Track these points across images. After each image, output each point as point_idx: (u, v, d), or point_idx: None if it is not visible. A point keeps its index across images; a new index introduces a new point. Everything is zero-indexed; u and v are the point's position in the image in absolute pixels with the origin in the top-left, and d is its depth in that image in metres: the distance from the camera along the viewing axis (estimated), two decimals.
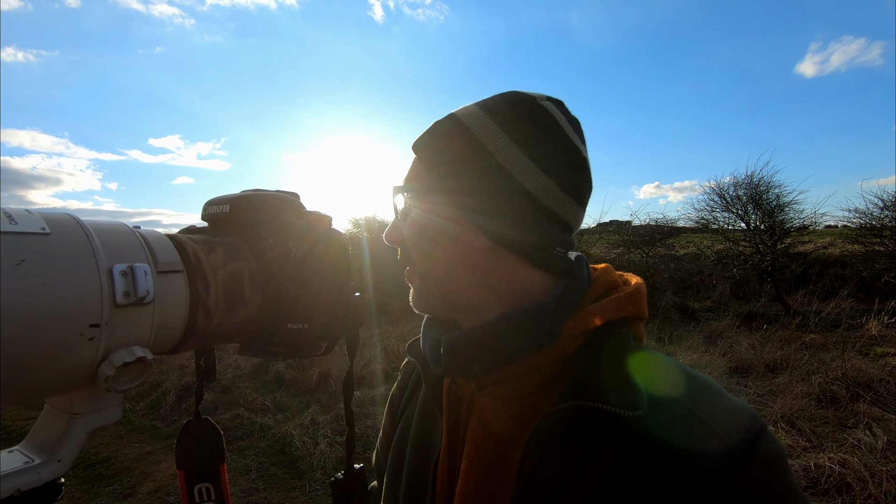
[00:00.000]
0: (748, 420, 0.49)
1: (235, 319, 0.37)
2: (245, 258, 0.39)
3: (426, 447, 0.65)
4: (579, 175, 0.57)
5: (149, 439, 4.82)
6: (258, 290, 0.39)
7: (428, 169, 0.58)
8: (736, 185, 9.68)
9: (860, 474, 3.02)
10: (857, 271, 8.85)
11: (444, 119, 0.58)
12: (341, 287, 0.44)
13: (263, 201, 0.43)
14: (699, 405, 0.49)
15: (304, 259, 0.41)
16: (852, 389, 4.27)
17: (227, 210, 0.42)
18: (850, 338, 5.89)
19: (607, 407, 0.48)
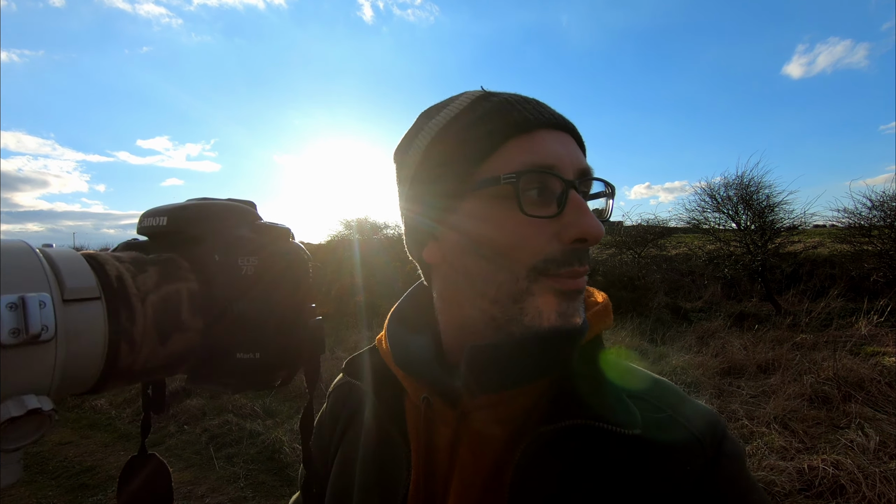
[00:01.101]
0: (715, 421, 0.51)
1: (171, 350, 0.32)
2: (183, 278, 0.33)
3: (381, 485, 0.56)
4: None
5: (134, 447, 4.65)
6: (200, 316, 0.34)
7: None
8: (727, 186, 9.72)
9: (854, 476, 3.00)
10: (847, 271, 8.92)
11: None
12: (300, 310, 0.38)
13: (207, 211, 0.37)
14: (677, 410, 0.51)
15: (256, 278, 0.36)
16: (844, 389, 4.28)
17: (164, 223, 0.36)
18: (840, 337, 5.92)
19: (605, 425, 0.47)
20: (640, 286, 9.52)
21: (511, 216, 0.49)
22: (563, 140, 0.52)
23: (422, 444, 0.55)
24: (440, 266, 0.56)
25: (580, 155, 0.53)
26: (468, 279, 0.52)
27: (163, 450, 4.60)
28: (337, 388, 0.73)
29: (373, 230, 15.58)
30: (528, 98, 0.55)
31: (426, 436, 0.55)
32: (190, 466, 4.26)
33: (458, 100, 0.56)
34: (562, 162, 0.50)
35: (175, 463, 4.34)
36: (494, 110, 0.52)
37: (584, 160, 0.53)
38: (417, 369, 0.56)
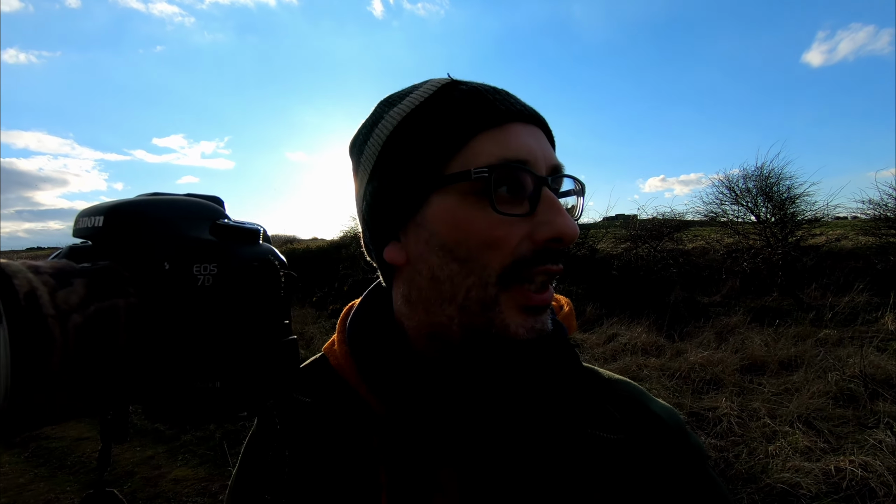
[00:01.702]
0: (678, 416, 0.55)
1: (106, 383, 0.26)
2: (122, 292, 0.27)
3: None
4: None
5: (150, 443, 4.75)
6: (144, 337, 0.27)
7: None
8: (745, 178, 9.48)
9: (884, 478, 2.88)
10: (872, 264, 8.64)
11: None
12: (269, 328, 0.32)
13: (154, 209, 0.31)
14: (649, 407, 0.54)
15: (215, 289, 0.30)
16: (871, 387, 4.12)
17: (101, 223, 0.30)
18: (866, 333, 5.73)
19: (599, 433, 0.50)
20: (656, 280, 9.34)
21: (481, 215, 0.46)
22: (535, 134, 0.50)
23: (393, 462, 0.50)
24: (403, 268, 0.51)
25: (551, 150, 0.51)
26: (434, 283, 0.48)
27: (177, 446, 4.63)
28: (271, 408, 0.63)
29: None
30: (498, 88, 0.51)
31: (397, 454, 0.50)
32: (204, 463, 4.27)
33: (422, 87, 0.51)
34: (535, 157, 0.48)
35: (189, 460, 4.36)
36: (464, 100, 0.49)
37: (555, 156, 0.51)
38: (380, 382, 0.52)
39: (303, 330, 8.12)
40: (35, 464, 4.46)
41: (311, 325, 8.58)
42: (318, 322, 9.08)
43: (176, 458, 4.43)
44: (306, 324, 8.73)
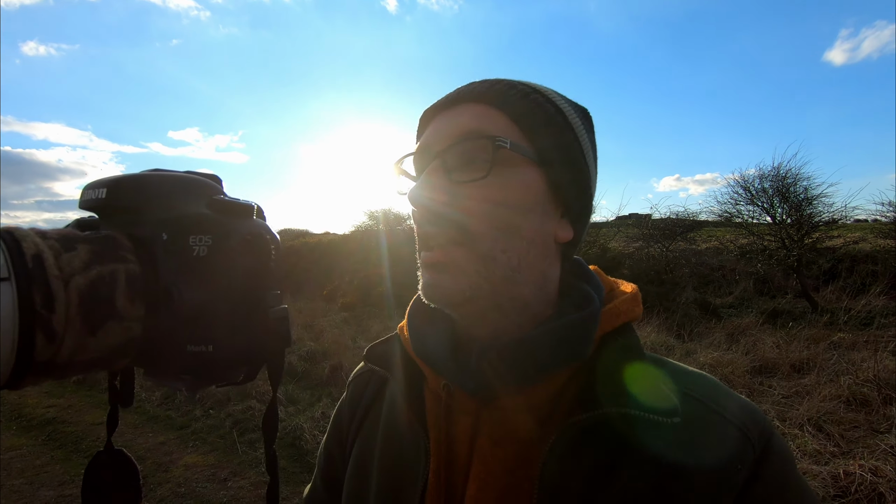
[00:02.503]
0: (761, 417, 0.50)
1: (104, 342, 0.28)
2: (123, 258, 0.29)
3: (400, 474, 0.55)
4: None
5: (162, 429, 4.86)
6: (142, 302, 0.29)
7: (525, 135, 0.52)
8: (762, 178, 9.33)
9: (894, 483, 2.84)
10: (890, 267, 8.47)
11: (537, 94, 0.54)
12: (260, 297, 0.33)
13: (154, 183, 0.33)
14: (720, 404, 0.50)
15: (209, 259, 0.31)
16: (884, 392, 4.06)
17: (104, 195, 0.32)
18: (882, 337, 5.63)
19: (644, 414, 0.45)
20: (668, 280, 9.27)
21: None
22: (448, 118, 0.53)
23: (441, 432, 0.54)
24: None
25: (461, 124, 0.52)
26: None
27: (188, 433, 4.73)
28: (357, 376, 0.72)
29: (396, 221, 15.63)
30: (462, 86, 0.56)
31: (445, 424, 0.54)
32: (214, 450, 4.36)
33: None
34: (428, 143, 0.54)
35: (200, 447, 4.45)
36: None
37: (464, 126, 0.52)
38: (433, 361, 0.56)
39: (313, 323, 8.20)
40: (52, 447, 4.58)
41: (322, 319, 8.66)
42: (329, 315, 9.16)
43: (187, 444, 4.51)
44: (316, 317, 8.82)
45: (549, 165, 0.52)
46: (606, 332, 0.52)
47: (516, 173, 0.50)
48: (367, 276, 11.02)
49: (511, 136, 0.50)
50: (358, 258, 12.56)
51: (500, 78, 0.55)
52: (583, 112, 0.58)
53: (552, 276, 0.55)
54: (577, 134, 0.54)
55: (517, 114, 0.52)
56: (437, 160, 0.52)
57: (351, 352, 6.54)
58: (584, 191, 0.55)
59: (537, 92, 0.54)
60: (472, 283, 0.50)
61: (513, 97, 0.52)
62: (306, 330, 7.67)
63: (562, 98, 0.56)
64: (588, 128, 0.57)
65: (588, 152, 0.56)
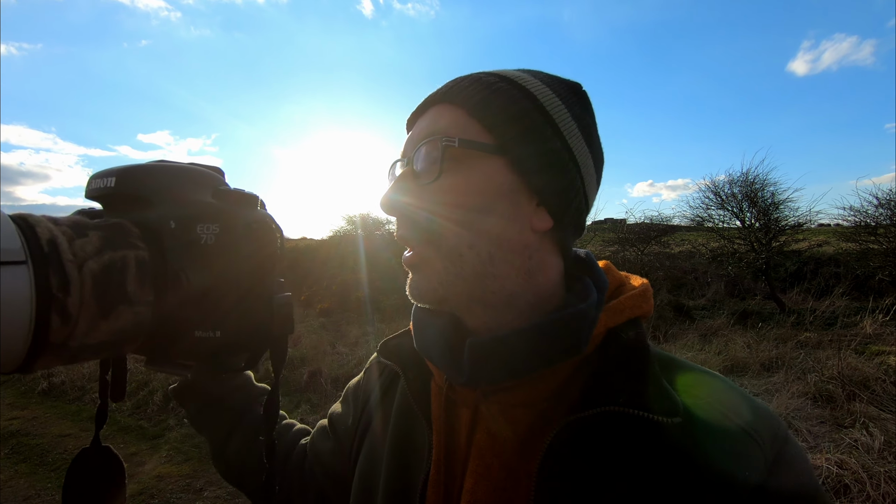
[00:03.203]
0: (776, 423, 0.47)
1: (115, 325, 0.28)
2: (133, 245, 0.30)
3: (406, 465, 0.56)
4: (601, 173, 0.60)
5: (134, 440, 4.71)
6: (151, 287, 0.30)
7: (485, 127, 0.51)
8: (731, 183, 9.64)
9: (858, 475, 2.96)
10: (852, 269, 8.84)
11: (503, 82, 0.53)
12: (265, 284, 0.34)
13: (163, 173, 0.33)
14: (731, 408, 0.47)
15: (216, 247, 0.32)
16: (848, 388, 4.22)
17: (112, 184, 0.32)
18: (845, 336, 5.86)
19: (645, 413, 0.44)
20: None
21: None
22: (421, 123, 0.55)
23: (442, 425, 0.55)
24: None
25: (424, 127, 0.54)
26: None
27: (162, 443, 4.60)
28: (373, 364, 0.73)
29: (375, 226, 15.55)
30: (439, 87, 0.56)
31: (446, 417, 0.55)
32: (189, 460, 4.25)
33: None
34: (406, 145, 0.56)
35: (174, 456, 4.33)
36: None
37: (426, 128, 0.53)
38: (430, 355, 0.56)
39: None
40: (15, 460, 4.39)
41: (299, 324, 8.53)
42: (306, 321, 9.04)
43: (161, 454, 4.39)
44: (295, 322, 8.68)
45: (512, 154, 0.50)
46: (612, 328, 0.52)
47: (475, 168, 0.50)
48: (345, 281, 10.93)
49: (467, 131, 0.51)
50: (336, 263, 12.44)
51: (475, 73, 0.55)
52: (570, 88, 0.56)
53: (544, 268, 0.54)
54: (552, 115, 0.52)
55: (475, 107, 0.51)
56: (408, 166, 0.54)
57: (330, 357, 6.46)
58: (557, 175, 0.52)
59: (504, 79, 0.53)
60: (443, 281, 0.51)
61: (472, 90, 0.52)
62: None
63: (539, 79, 0.55)
64: (574, 104, 0.55)
65: (570, 131, 0.53)
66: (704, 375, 0.51)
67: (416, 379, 0.59)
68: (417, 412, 0.57)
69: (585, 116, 0.56)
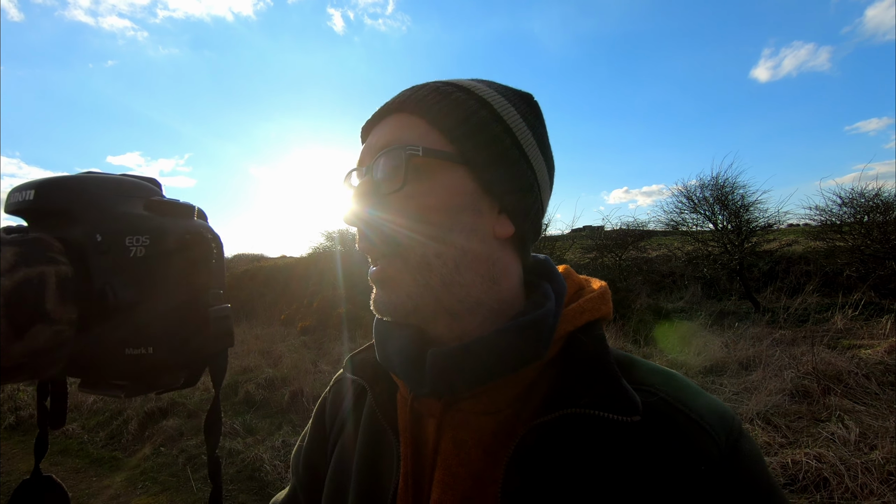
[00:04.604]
0: (730, 418, 0.48)
1: (32, 345, 0.26)
2: (52, 260, 0.28)
3: (376, 478, 0.55)
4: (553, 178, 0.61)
5: (108, 472, 4.52)
6: (74, 305, 0.28)
7: (445, 137, 0.51)
8: (702, 187, 9.92)
9: (836, 468, 3.02)
10: (821, 267, 9.12)
11: (460, 92, 0.53)
12: (200, 297, 0.33)
13: (87, 184, 0.32)
14: (687, 404, 0.48)
15: (146, 260, 0.31)
16: (823, 383, 4.32)
17: (31, 197, 0.30)
18: (818, 332, 6.02)
19: (605, 414, 0.45)
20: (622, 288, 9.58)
21: None
22: (380, 130, 0.54)
23: (409, 437, 0.54)
24: None
25: (383, 136, 0.53)
26: None
27: (137, 473, 4.42)
28: (337, 381, 0.72)
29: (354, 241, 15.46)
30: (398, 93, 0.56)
31: (413, 429, 0.55)
32: (166, 490, 4.09)
33: None
34: (363, 154, 0.55)
35: (150, 487, 4.17)
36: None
37: (385, 138, 0.53)
38: (393, 367, 0.55)
39: (271, 348, 7.92)
40: None
41: (280, 344, 8.37)
42: (287, 340, 8.88)
43: (136, 486, 4.22)
44: (274, 342, 8.52)
45: (474, 163, 0.51)
46: (571, 331, 0.52)
47: (438, 178, 0.50)
48: (325, 298, 10.80)
49: (429, 141, 0.50)
50: (315, 280, 12.30)
51: (430, 81, 0.55)
52: (523, 99, 0.57)
53: (506, 274, 0.54)
54: (509, 124, 0.53)
55: (436, 117, 0.51)
56: (367, 176, 0.53)
57: (312, 376, 6.35)
58: (517, 183, 0.53)
59: (462, 90, 0.53)
60: (412, 293, 0.50)
61: (431, 100, 0.52)
62: (264, 356, 7.38)
63: (494, 89, 0.55)
64: (528, 114, 0.56)
65: (526, 140, 0.54)
66: (662, 374, 0.52)
67: (383, 392, 0.59)
68: (385, 425, 0.56)
69: (538, 125, 0.57)
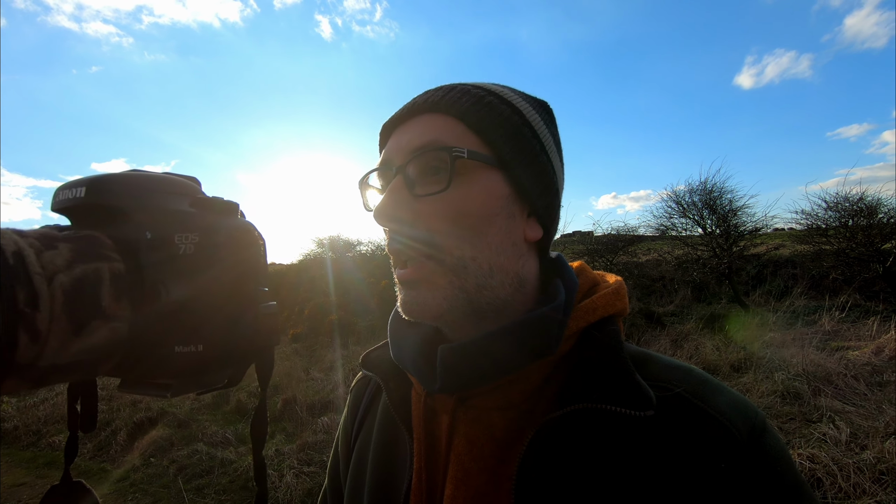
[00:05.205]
0: (753, 413, 0.47)
1: (90, 342, 0.26)
2: (106, 257, 0.28)
3: (390, 475, 0.56)
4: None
5: (96, 484, 4.42)
6: (128, 301, 0.28)
7: (483, 140, 0.51)
8: (691, 192, 10.06)
9: (829, 468, 3.05)
10: (808, 270, 9.27)
11: (491, 97, 0.54)
12: (250, 295, 0.33)
13: (136, 182, 0.32)
14: (706, 400, 0.47)
15: (196, 258, 0.30)
16: (813, 384, 4.38)
17: (82, 194, 0.30)
18: (806, 334, 6.10)
19: (617, 408, 0.44)
20: None
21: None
22: (409, 130, 0.53)
23: (422, 434, 0.54)
24: None
25: (417, 136, 0.52)
26: None
27: (127, 485, 4.34)
28: (356, 383, 0.73)
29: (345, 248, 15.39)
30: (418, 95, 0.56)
31: (426, 425, 0.55)
32: (157, 501, 4.02)
33: None
34: (390, 156, 0.54)
35: (141, 499, 4.09)
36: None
37: (421, 138, 0.51)
38: (406, 364, 0.56)
39: None
40: None
41: None
42: (278, 348, 8.79)
43: (125, 498, 4.14)
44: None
45: (510, 167, 0.51)
46: (585, 327, 0.52)
47: (477, 181, 0.50)
48: (317, 305, 10.73)
49: (468, 143, 0.50)
50: (306, 287, 12.22)
51: (455, 83, 0.55)
52: (542, 106, 0.58)
53: (528, 275, 0.54)
54: (537, 130, 0.54)
55: (472, 120, 0.51)
56: (399, 176, 0.51)
57: (304, 384, 6.29)
58: (548, 187, 0.55)
59: (492, 94, 0.54)
60: (448, 296, 0.49)
61: (466, 103, 0.52)
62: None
63: (518, 95, 0.56)
64: (548, 121, 0.58)
65: (550, 147, 0.56)
66: (678, 369, 0.51)
67: (397, 389, 0.59)
68: (399, 422, 0.57)
69: (555, 132, 0.59)
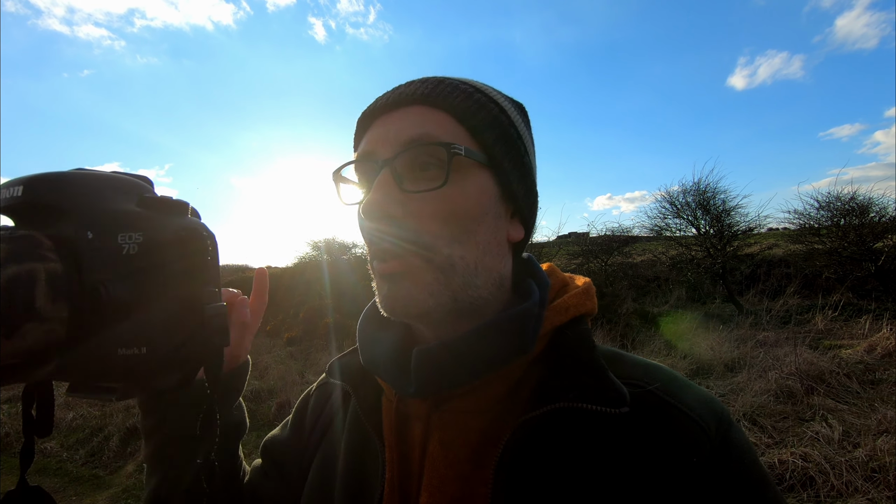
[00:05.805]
0: (719, 408, 0.48)
1: (22, 345, 0.25)
2: (42, 258, 0.27)
3: (361, 486, 0.53)
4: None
5: (89, 491, 4.38)
6: (65, 303, 0.27)
7: (474, 138, 0.50)
8: (685, 193, 10.09)
9: (822, 467, 3.06)
10: (801, 269, 9.32)
11: (479, 94, 0.53)
12: (195, 295, 0.32)
13: (78, 180, 0.31)
14: (676, 397, 0.48)
15: (139, 257, 0.30)
16: (806, 383, 4.39)
17: (20, 193, 0.30)
18: (799, 333, 6.13)
19: (594, 407, 0.44)
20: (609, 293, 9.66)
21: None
22: (395, 120, 0.50)
23: (395, 441, 0.53)
24: None
25: (403, 132, 0.49)
26: None
27: (120, 492, 4.30)
28: (320, 386, 0.71)
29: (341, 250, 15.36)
30: (398, 85, 0.54)
31: (399, 433, 0.53)
32: None
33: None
34: (374, 148, 0.51)
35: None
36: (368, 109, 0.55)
37: (411, 130, 0.49)
38: (378, 369, 0.55)
39: (256, 360, 7.80)
40: None
41: (266, 355, 8.25)
42: (273, 351, 8.76)
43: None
44: (260, 354, 8.39)
45: (499, 167, 0.51)
46: (557, 327, 0.52)
47: (470, 179, 0.49)
48: (312, 308, 10.69)
49: (460, 139, 0.49)
50: (301, 290, 12.19)
51: (442, 77, 0.54)
52: (520, 108, 0.58)
53: (507, 275, 0.54)
54: (519, 132, 0.54)
55: (464, 116, 0.50)
56: (387, 169, 0.49)
57: (299, 387, 6.26)
58: (530, 188, 0.55)
59: (480, 91, 0.53)
60: (434, 292, 0.48)
61: (457, 99, 0.50)
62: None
63: (502, 95, 0.56)
64: (527, 123, 0.58)
65: (530, 149, 0.56)
66: (648, 367, 0.52)
67: (367, 396, 0.58)
68: (369, 430, 0.55)
69: (531, 134, 0.59)
